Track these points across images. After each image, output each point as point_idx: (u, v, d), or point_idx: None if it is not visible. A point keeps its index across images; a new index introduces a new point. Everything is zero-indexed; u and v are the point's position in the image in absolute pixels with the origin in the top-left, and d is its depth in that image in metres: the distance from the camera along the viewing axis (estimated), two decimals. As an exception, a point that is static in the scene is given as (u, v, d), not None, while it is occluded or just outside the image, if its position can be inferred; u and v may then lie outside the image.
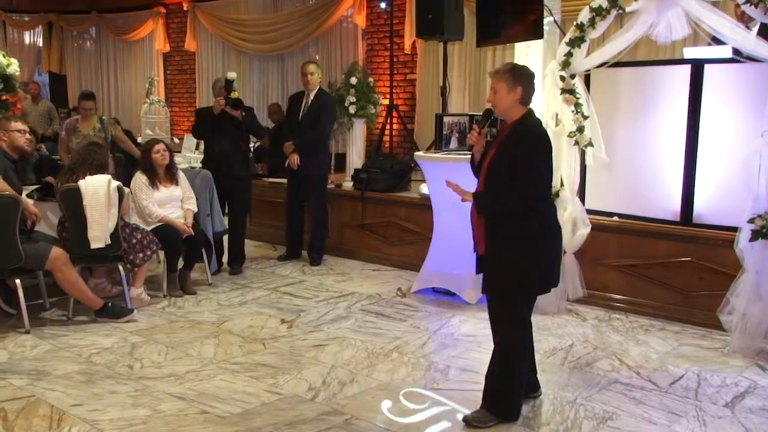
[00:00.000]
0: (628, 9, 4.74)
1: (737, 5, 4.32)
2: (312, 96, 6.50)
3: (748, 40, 4.27)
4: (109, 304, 4.86)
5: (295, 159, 6.42)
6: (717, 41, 4.61)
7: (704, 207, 4.85)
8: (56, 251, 4.67)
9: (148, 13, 11.56)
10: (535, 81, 3.40)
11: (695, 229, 4.84)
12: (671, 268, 4.89)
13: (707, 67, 4.78)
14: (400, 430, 3.33)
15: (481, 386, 3.78)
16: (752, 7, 4.16)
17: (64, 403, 3.56)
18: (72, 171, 4.89)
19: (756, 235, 4.14)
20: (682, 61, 5.05)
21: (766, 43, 4.19)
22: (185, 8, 11.02)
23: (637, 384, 3.85)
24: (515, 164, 3.20)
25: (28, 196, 5.10)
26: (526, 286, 3.31)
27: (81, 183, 4.77)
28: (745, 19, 4.55)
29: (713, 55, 4.82)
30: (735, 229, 4.32)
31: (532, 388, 3.60)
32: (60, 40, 12.77)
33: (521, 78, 3.29)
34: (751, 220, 4.17)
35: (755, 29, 4.46)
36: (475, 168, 3.52)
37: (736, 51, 4.49)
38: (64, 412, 3.46)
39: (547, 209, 3.39)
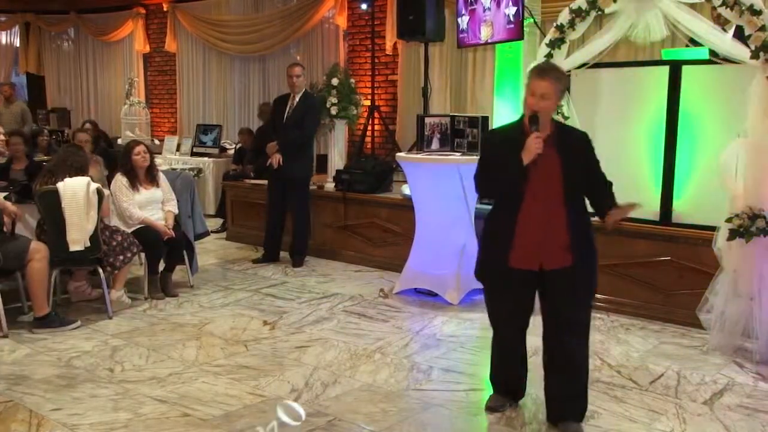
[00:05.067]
0: (607, 11, 4.79)
1: (713, 7, 4.38)
2: (297, 98, 6.49)
3: (724, 41, 4.33)
4: (53, 314, 4.73)
5: (277, 158, 6.41)
6: (694, 43, 4.67)
7: (683, 207, 4.90)
8: (38, 244, 4.67)
9: (128, 14, 11.47)
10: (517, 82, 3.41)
11: (675, 228, 4.89)
12: (651, 267, 4.94)
13: (685, 68, 4.83)
14: (383, 431, 3.33)
15: (464, 386, 3.81)
16: (728, 9, 4.21)
17: (43, 408, 3.51)
18: (51, 173, 4.84)
19: (733, 235, 4.19)
20: (661, 62, 5.10)
21: (741, 45, 4.26)
22: (165, 9, 10.94)
23: (618, 383, 3.88)
24: (589, 163, 3.25)
25: (6, 198, 5.04)
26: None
27: (60, 185, 4.71)
28: (721, 21, 4.61)
29: (691, 57, 4.88)
30: (713, 229, 4.37)
31: (521, 394, 3.58)
32: (38, 41, 12.62)
33: (565, 83, 3.26)
34: (729, 220, 4.22)
35: (731, 31, 4.52)
36: (520, 175, 3.14)
37: (713, 52, 4.55)
38: (43, 417, 3.42)
39: None
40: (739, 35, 4.36)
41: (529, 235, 3.16)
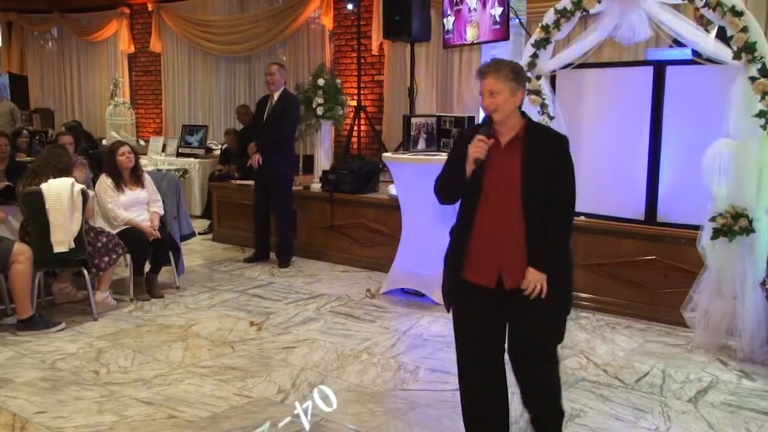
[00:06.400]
0: (591, 11, 4.81)
1: (696, 8, 4.42)
2: (276, 97, 6.48)
3: (707, 42, 4.37)
4: (37, 316, 4.69)
5: (256, 159, 6.41)
6: (678, 43, 4.71)
7: (668, 206, 4.94)
8: (21, 245, 4.64)
9: (112, 14, 11.41)
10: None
11: (659, 227, 4.92)
12: (636, 266, 4.97)
13: (669, 69, 4.87)
14: (370, 431, 3.33)
15: (451, 386, 3.81)
16: (710, 10, 4.25)
17: (27, 411, 3.48)
18: (35, 174, 4.80)
19: (717, 234, 4.23)
20: (645, 63, 5.14)
21: (724, 45, 4.30)
22: (150, 9, 10.89)
23: (604, 381, 3.91)
24: (555, 176, 2.77)
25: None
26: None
27: (44, 186, 4.67)
28: (703, 22, 4.65)
29: (674, 57, 4.92)
30: (698, 228, 4.40)
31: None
32: (20, 40, 12.51)
33: (524, 80, 2.82)
34: (713, 219, 4.26)
35: (714, 32, 4.56)
36: (468, 184, 2.82)
37: (696, 53, 4.59)
38: (27, 420, 3.39)
39: None
40: (722, 36, 4.40)
41: (484, 247, 2.83)
